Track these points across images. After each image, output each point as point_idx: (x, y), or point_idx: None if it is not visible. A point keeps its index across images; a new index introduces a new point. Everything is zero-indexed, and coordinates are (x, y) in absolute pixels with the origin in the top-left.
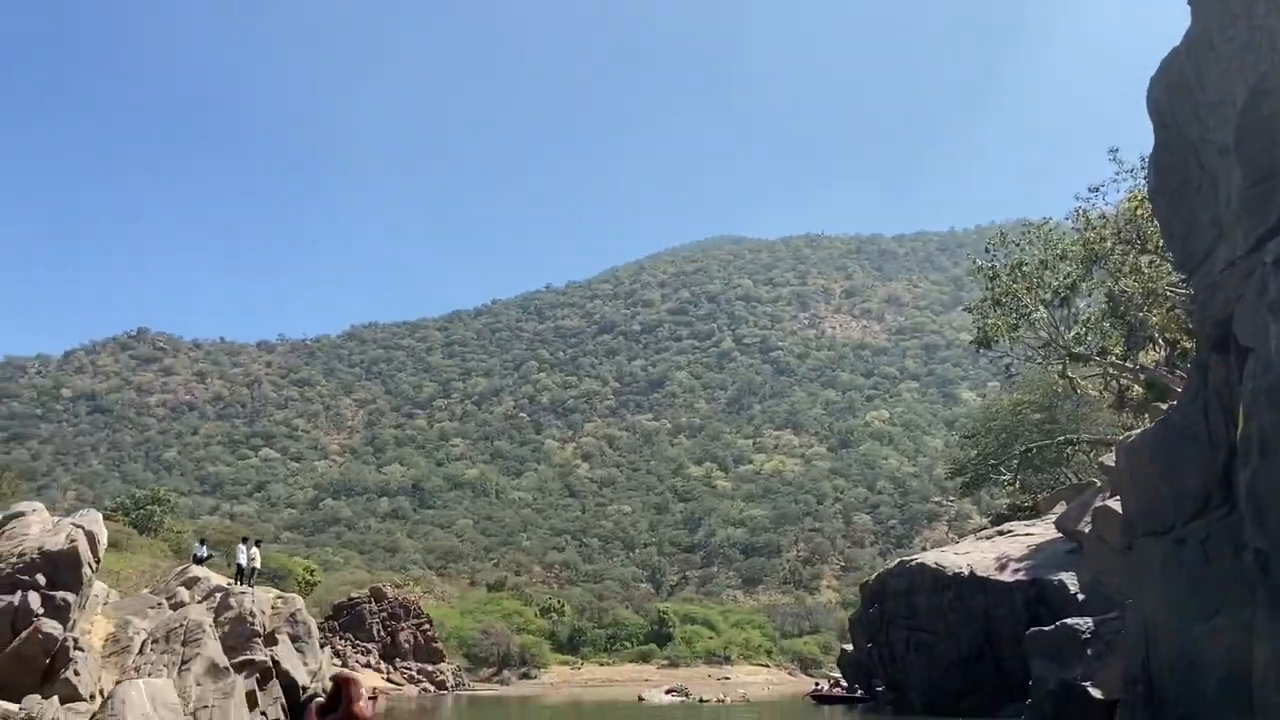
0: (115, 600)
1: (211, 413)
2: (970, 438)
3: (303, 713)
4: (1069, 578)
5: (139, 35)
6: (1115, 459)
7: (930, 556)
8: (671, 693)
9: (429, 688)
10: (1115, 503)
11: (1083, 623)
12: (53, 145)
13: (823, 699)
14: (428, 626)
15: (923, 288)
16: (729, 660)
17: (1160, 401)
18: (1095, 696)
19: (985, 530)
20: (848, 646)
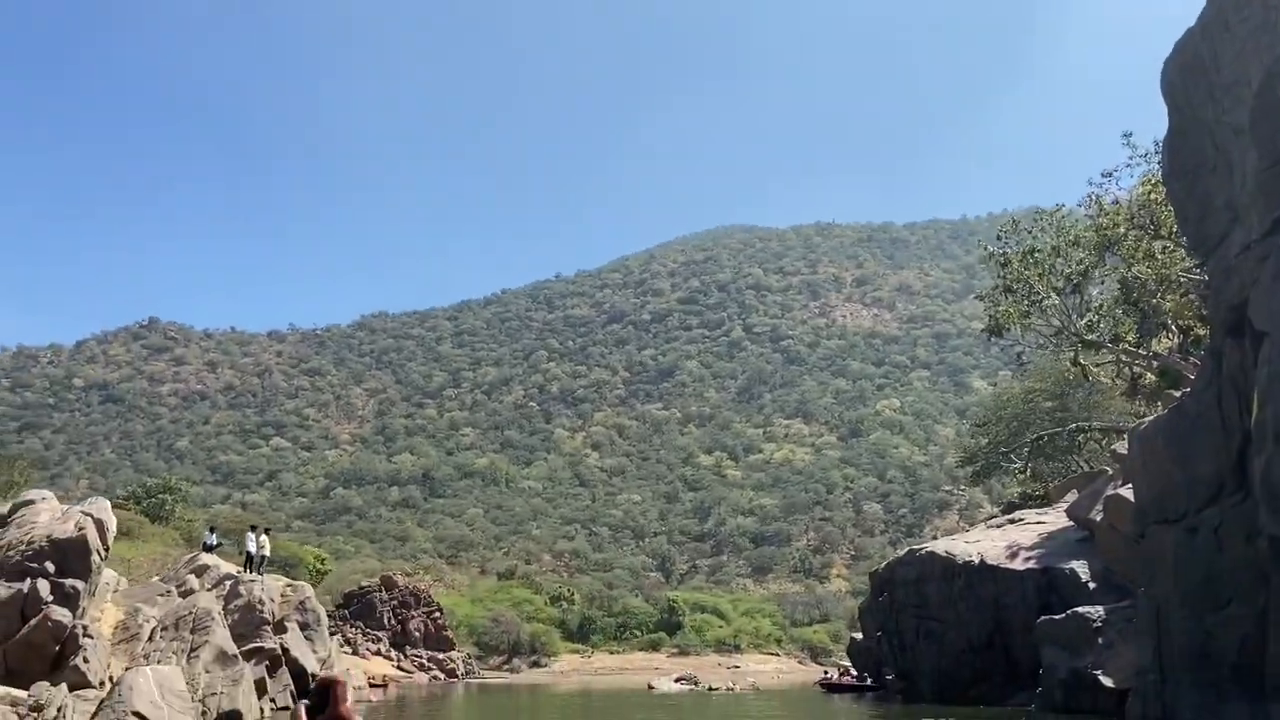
0: (125, 588)
1: (223, 402)
2: (981, 426)
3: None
4: (1080, 566)
5: (152, 23)
6: (1128, 446)
7: (940, 545)
8: (681, 681)
9: (439, 675)
10: (1127, 490)
11: (1094, 611)
12: (63, 135)
13: (832, 687)
14: (438, 615)
15: (934, 276)
16: (739, 649)
17: (1173, 389)
18: (1106, 685)
19: (996, 519)
20: (857, 635)
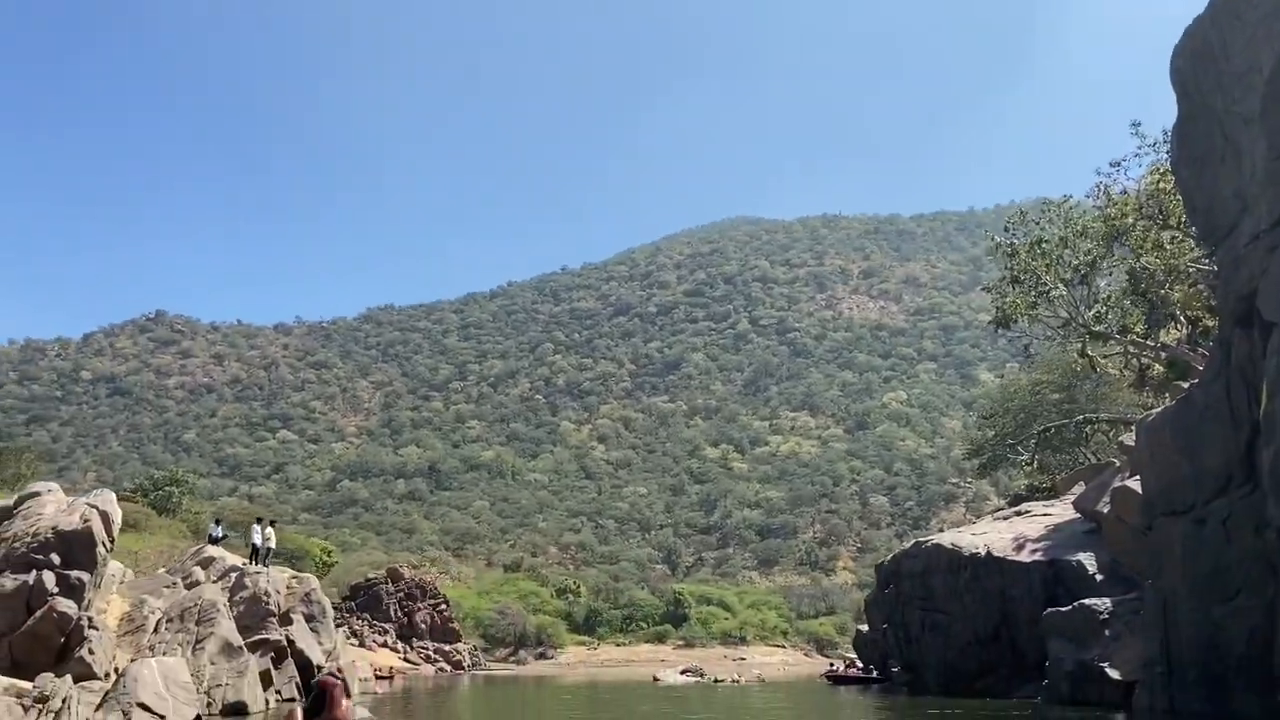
0: (131, 580)
1: (229, 395)
2: (988, 418)
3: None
4: (1087, 558)
5: (156, 18)
6: (1135, 438)
7: (946, 537)
8: (686, 673)
9: (445, 667)
10: (1135, 483)
11: (1101, 603)
12: (70, 129)
13: (838, 679)
14: (444, 607)
15: (941, 268)
16: (745, 641)
17: (1181, 380)
18: (1113, 677)
19: (1002, 511)
20: (863, 627)
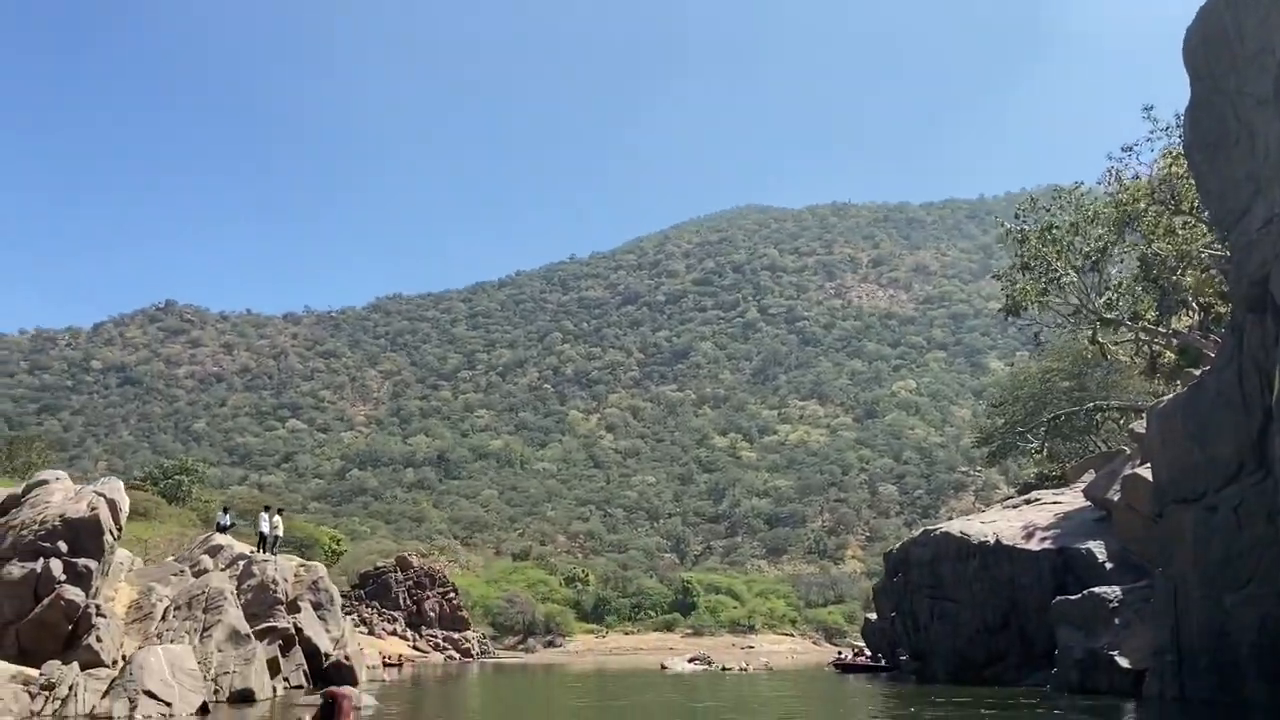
0: (139, 567)
1: (239, 384)
2: (998, 406)
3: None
4: (1096, 546)
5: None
6: (1146, 425)
7: (955, 525)
8: (694, 661)
9: (454, 655)
10: (1145, 470)
11: (1110, 591)
12: (80, 120)
13: (846, 668)
14: (453, 595)
15: (951, 256)
16: (753, 629)
17: (1193, 367)
18: (1123, 666)
19: (1012, 499)
20: (872, 616)
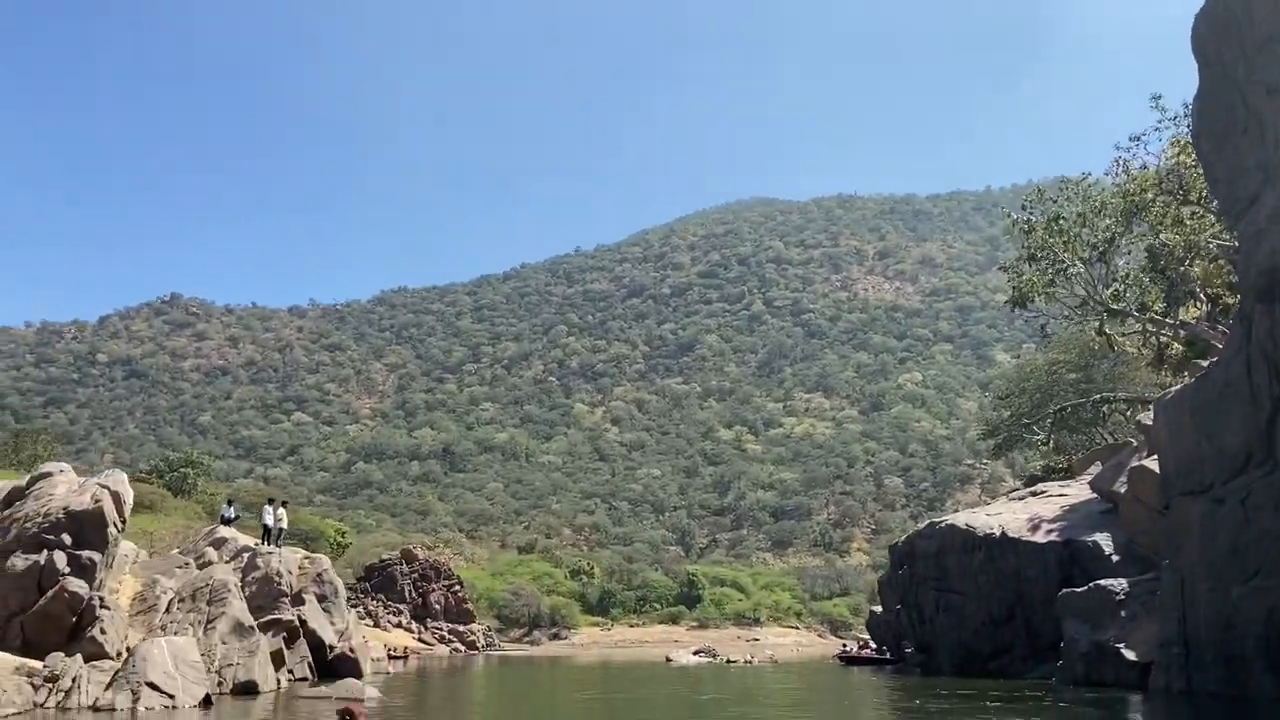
0: (144, 560)
1: (244, 377)
2: (1004, 398)
3: None
4: (1103, 538)
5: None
6: (1153, 417)
7: (961, 517)
8: (699, 654)
9: (460, 648)
10: (1152, 462)
11: (1117, 584)
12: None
13: (851, 660)
14: (458, 588)
15: (957, 248)
16: (758, 622)
17: (1201, 359)
18: (1129, 658)
19: (1018, 491)
20: (877, 608)
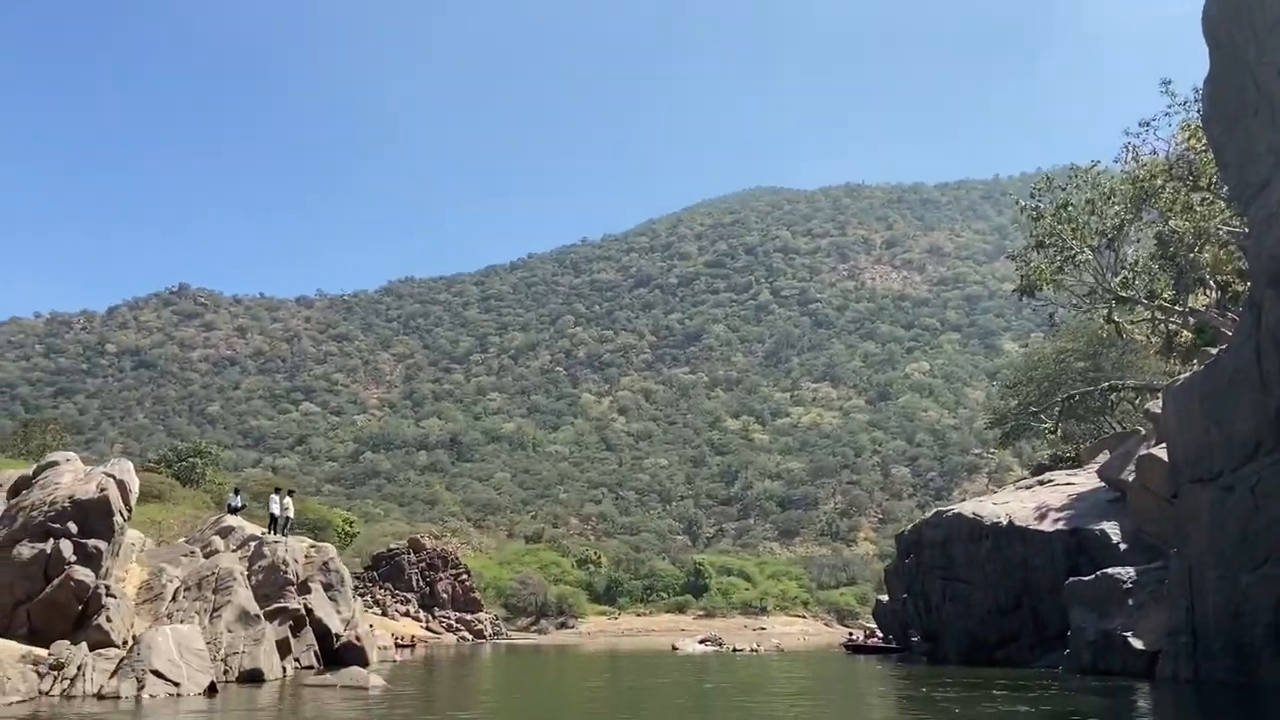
0: (151, 548)
1: (252, 367)
2: (1011, 387)
3: None
4: (1110, 527)
5: None
6: (1162, 404)
7: (968, 506)
8: (705, 642)
9: (467, 636)
10: (1160, 450)
11: (1124, 572)
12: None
13: (857, 649)
14: (466, 577)
15: (965, 237)
16: (765, 611)
17: (1210, 346)
18: (1136, 646)
19: (1025, 480)
20: (883, 597)
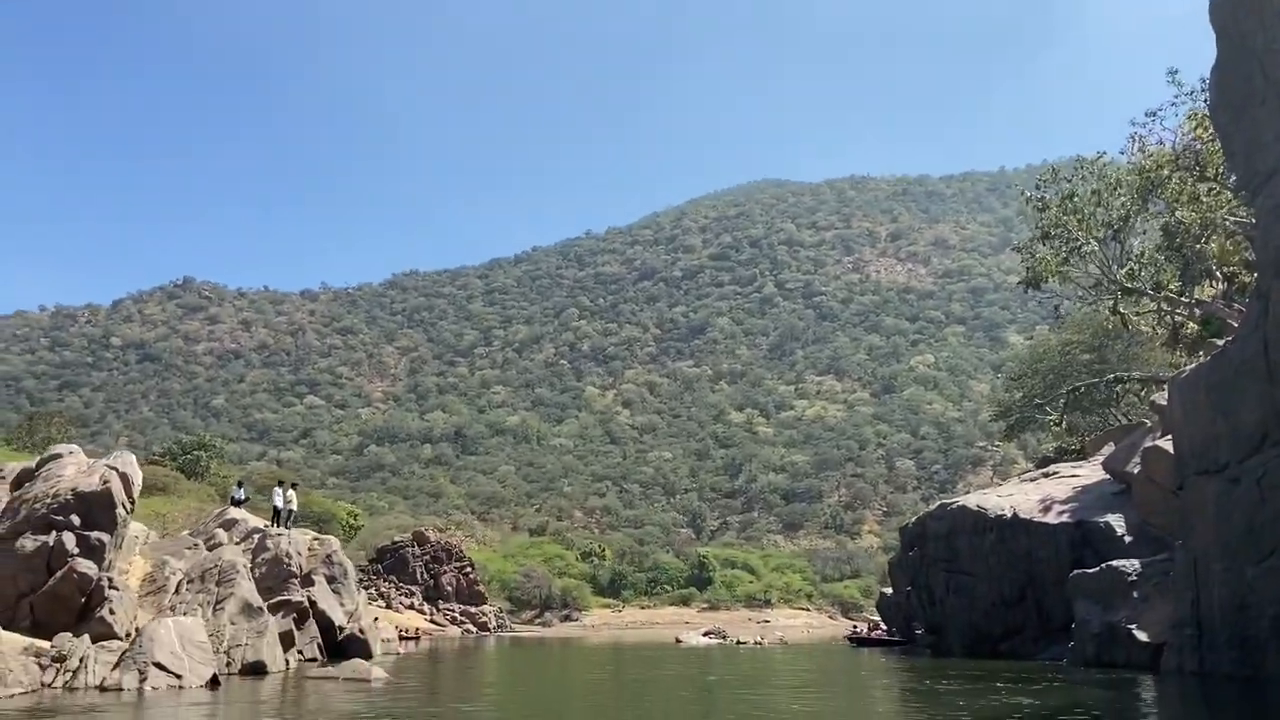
0: (154, 541)
1: (257, 360)
2: (1016, 380)
3: None
4: (1115, 519)
5: None
6: (1168, 396)
7: (972, 499)
8: (709, 635)
9: (471, 629)
10: (1166, 442)
11: (1129, 565)
12: (99, 99)
13: (861, 642)
14: (470, 569)
15: (971, 230)
16: (769, 604)
17: (1216, 338)
18: (1141, 639)
19: (1030, 473)
20: (888, 590)
